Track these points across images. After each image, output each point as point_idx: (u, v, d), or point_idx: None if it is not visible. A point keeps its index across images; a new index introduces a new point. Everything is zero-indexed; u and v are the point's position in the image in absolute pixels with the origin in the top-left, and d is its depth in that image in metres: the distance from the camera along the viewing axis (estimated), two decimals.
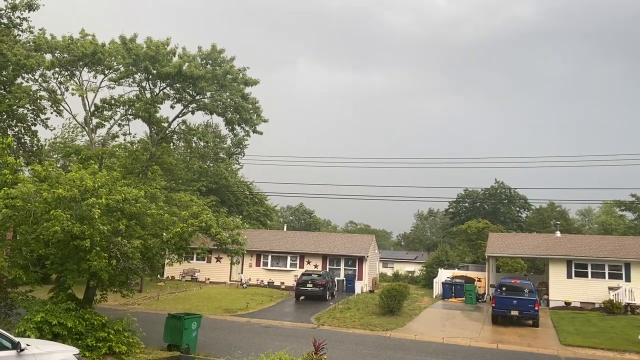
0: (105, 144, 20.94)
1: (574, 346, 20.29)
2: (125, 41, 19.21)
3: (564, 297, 31.45)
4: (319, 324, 23.43)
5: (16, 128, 23.60)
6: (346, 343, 19.31)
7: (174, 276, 39.46)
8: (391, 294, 26.29)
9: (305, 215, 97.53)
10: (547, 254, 33.60)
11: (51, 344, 11.88)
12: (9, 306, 15.42)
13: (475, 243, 56.60)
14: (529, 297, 24.71)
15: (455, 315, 27.62)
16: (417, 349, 19.02)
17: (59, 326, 13.83)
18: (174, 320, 16.41)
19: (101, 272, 14.11)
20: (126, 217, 14.76)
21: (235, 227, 17.17)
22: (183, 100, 20.26)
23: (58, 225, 12.86)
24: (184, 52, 19.57)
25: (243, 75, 20.10)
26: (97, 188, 13.96)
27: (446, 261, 47.56)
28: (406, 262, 67.47)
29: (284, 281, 38.01)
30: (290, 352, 11.76)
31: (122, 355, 14.71)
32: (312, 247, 39.81)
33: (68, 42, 18.90)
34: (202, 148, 23.44)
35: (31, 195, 13.22)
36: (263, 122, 20.82)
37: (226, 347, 17.15)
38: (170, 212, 16.44)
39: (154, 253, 16.12)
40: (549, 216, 63.37)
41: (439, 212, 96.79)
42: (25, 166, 16.17)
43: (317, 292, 31.22)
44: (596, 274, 31.53)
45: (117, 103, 19.92)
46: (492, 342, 20.97)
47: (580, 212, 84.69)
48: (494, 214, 68.51)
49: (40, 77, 19.66)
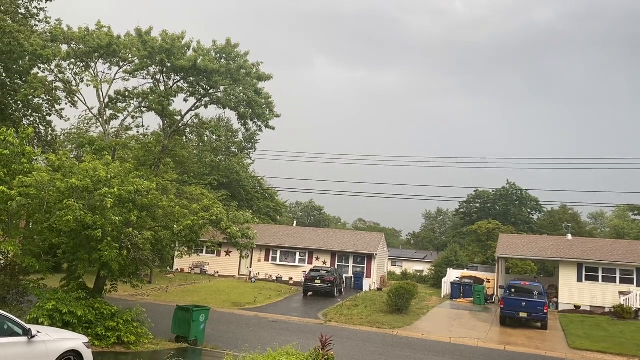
0: (118, 136, 21.08)
1: (582, 350, 20.13)
2: (141, 34, 19.28)
3: (574, 300, 31.22)
4: (327, 320, 23.47)
5: (31, 118, 23.88)
6: (353, 340, 19.32)
7: (183, 269, 39.72)
8: (399, 293, 26.25)
9: (315, 212, 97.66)
10: (557, 257, 33.33)
11: (61, 332, 12.01)
12: (21, 293, 15.62)
13: (485, 244, 56.32)
14: (538, 300, 24.56)
15: (463, 316, 27.52)
16: (424, 348, 18.99)
17: (69, 314, 14.00)
18: (183, 312, 16.53)
19: (112, 262, 14.25)
20: (138, 208, 14.88)
21: (246, 222, 17.24)
22: (196, 94, 20.32)
23: (71, 215, 12.99)
24: (199, 46, 19.61)
25: (257, 70, 20.11)
26: (109, 179, 14.08)
27: (455, 261, 47.37)
28: (415, 261, 67.32)
29: (293, 276, 38.10)
30: (297, 347, 11.76)
31: (130, 345, 14.87)
32: (321, 244, 39.85)
33: (84, 33, 19.03)
34: (214, 142, 23.52)
35: (45, 184, 13.37)
36: (275, 117, 20.85)
37: (233, 340, 17.24)
38: (182, 204, 16.53)
39: (164, 245, 16.25)
40: (561, 219, 62.89)
41: (447, 212, 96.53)
42: (41, 156, 16.33)
43: (325, 288, 31.25)
44: (607, 278, 31.23)
45: (131, 95, 20.02)
46: (499, 343, 20.88)
47: (592, 216, 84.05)
48: (505, 215, 68.10)
49: (56, 67, 19.81)
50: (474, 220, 66.62)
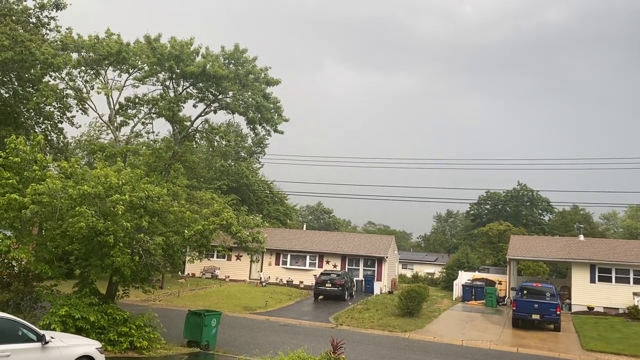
0: (129, 142, 21.25)
1: (596, 352, 19.94)
2: (150, 41, 19.47)
3: (587, 301, 30.93)
4: (338, 324, 23.44)
5: (43, 125, 24.14)
6: (364, 343, 19.28)
7: (194, 273, 39.86)
8: (410, 296, 26.16)
9: (325, 215, 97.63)
10: (569, 258, 33.06)
11: (74, 337, 12.11)
12: (34, 300, 15.74)
13: (496, 245, 55.98)
14: (551, 301, 24.36)
15: (475, 318, 27.37)
16: (436, 351, 18.91)
17: (82, 320, 14.11)
18: (194, 316, 16.59)
19: (124, 267, 14.35)
20: (149, 214, 14.98)
21: (256, 226, 17.31)
22: (206, 100, 20.47)
23: (83, 221, 13.10)
24: (207, 52, 19.77)
25: (265, 75, 20.23)
26: (121, 185, 14.19)
27: (466, 263, 47.14)
28: (426, 264, 67.09)
29: (303, 280, 38.09)
30: (308, 351, 11.78)
31: (142, 350, 14.94)
32: (332, 247, 39.83)
33: (94, 41, 19.25)
34: (223, 147, 23.66)
35: (57, 191, 13.50)
36: (284, 122, 20.95)
37: (245, 345, 17.27)
38: (192, 209, 16.63)
39: (175, 250, 16.33)
40: (572, 219, 62.36)
41: (458, 214, 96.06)
42: (52, 163, 16.50)
43: (335, 291, 31.23)
44: (620, 279, 30.92)
45: (141, 102, 20.22)
46: (512, 345, 20.74)
47: (604, 216, 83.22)
48: (516, 216, 67.70)
49: (67, 75, 20.05)
50: (485, 222, 66.26)
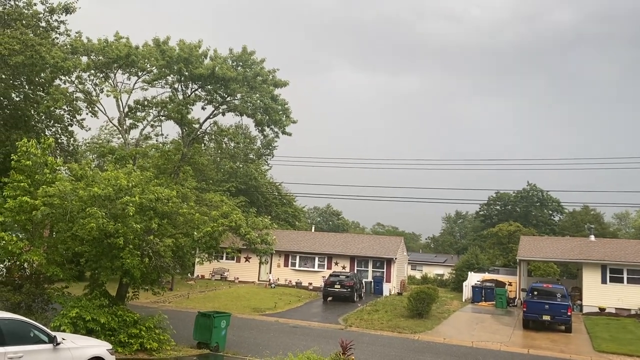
0: (138, 145, 21.37)
1: (608, 353, 19.76)
2: (159, 43, 19.57)
3: (598, 302, 30.66)
4: (347, 325, 23.41)
5: (53, 128, 24.33)
6: (374, 345, 19.25)
7: (203, 275, 40.00)
8: (420, 297, 26.07)
9: (333, 217, 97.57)
10: (580, 259, 32.80)
11: (85, 339, 12.19)
12: (45, 301, 15.88)
13: (506, 246, 55.69)
14: (562, 302, 24.18)
15: (485, 319, 27.22)
16: (445, 353, 18.83)
17: (93, 322, 14.22)
18: (204, 318, 16.64)
19: (134, 269, 14.43)
20: (158, 216, 15.06)
21: (264, 227, 17.33)
22: (214, 102, 20.52)
23: (94, 223, 13.20)
24: (215, 54, 19.82)
25: (273, 76, 20.26)
26: (131, 187, 14.27)
27: (476, 264, 46.89)
28: (435, 265, 66.87)
29: (312, 282, 38.10)
30: (317, 352, 11.79)
31: (153, 351, 15.02)
32: (340, 249, 39.81)
33: (103, 44, 19.37)
34: (232, 149, 23.70)
35: (68, 193, 13.61)
36: (292, 123, 20.96)
37: (254, 346, 17.31)
38: (201, 211, 16.70)
39: (185, 252, 16.41)
40: (583, 220, 61.94)
41: (467, 215, 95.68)
42: (63, 165, 16.64)
43: (344, 293, 31.20)
44: (632, 280, 30.61)
45: (150, 104, 20.31)
46: (523, 346, 20.61)
47: (616, 216, 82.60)
48: (526, 217, 67.30)
49: (77, 79, 20.17)
50: (495, 223, 65.95)
